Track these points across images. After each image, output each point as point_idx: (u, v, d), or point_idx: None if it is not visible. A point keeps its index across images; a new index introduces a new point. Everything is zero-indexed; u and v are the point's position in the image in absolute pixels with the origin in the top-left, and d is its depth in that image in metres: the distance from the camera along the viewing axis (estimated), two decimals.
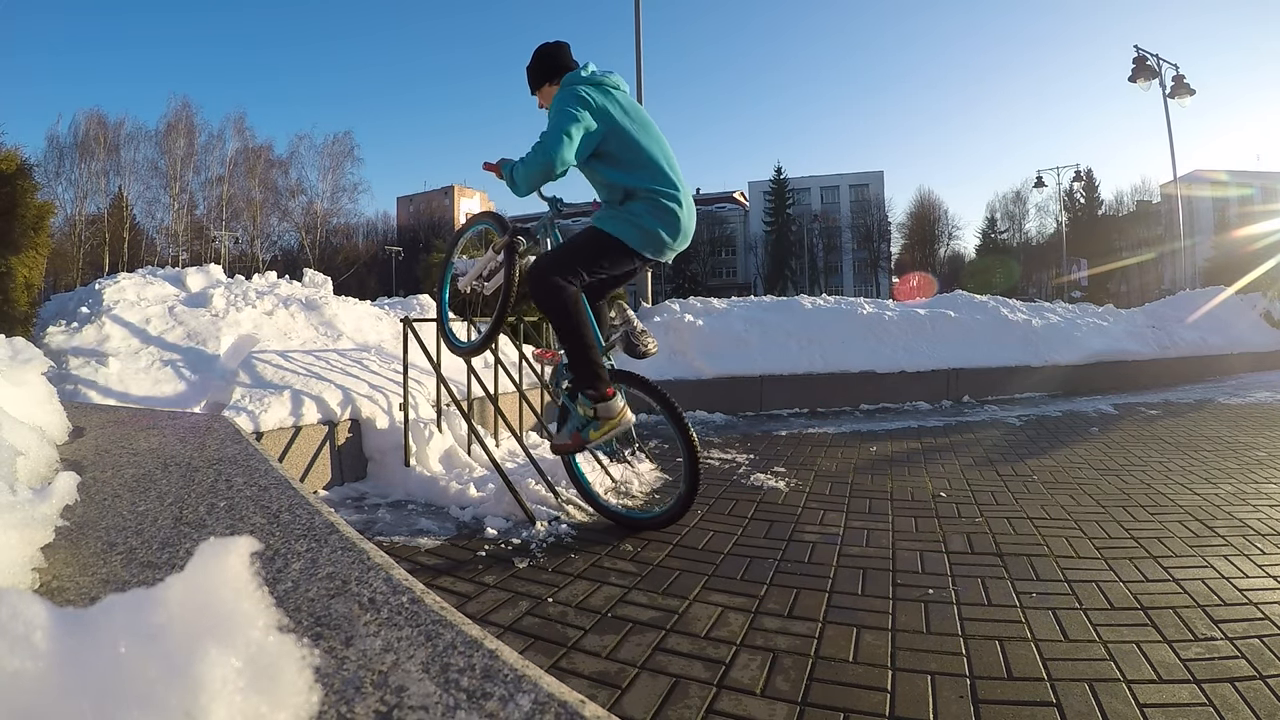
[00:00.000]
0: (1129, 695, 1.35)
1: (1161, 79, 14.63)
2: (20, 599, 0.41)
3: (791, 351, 5.80)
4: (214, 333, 3.39)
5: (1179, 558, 2.12)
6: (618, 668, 1.50)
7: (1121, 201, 45.35)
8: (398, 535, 2.42)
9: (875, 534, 2.43)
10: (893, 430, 4.64)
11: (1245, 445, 3.84)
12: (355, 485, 3.07)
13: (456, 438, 3.37)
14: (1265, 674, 1.41)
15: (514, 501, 2.54)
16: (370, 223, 44.38)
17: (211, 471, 1.10)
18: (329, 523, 0.83)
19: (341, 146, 36.71)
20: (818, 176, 53.19)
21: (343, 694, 0.48)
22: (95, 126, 30.48)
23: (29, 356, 1.33)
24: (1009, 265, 41.28)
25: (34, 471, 0.99)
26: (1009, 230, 47.96)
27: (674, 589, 1.95)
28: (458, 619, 0.60)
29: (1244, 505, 2.65)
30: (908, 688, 1.41)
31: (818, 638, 1.64)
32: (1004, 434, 4.43)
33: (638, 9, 8.38)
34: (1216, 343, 7.92)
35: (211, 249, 32.74)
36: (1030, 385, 6.37)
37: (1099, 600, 1.82)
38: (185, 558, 0.72)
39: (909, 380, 5.90)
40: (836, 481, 3.20)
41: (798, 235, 49.97)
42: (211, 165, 33.58)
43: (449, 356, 3.41)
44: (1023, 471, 3.33)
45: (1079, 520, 2.53)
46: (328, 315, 4.09)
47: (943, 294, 8.22)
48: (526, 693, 0.48)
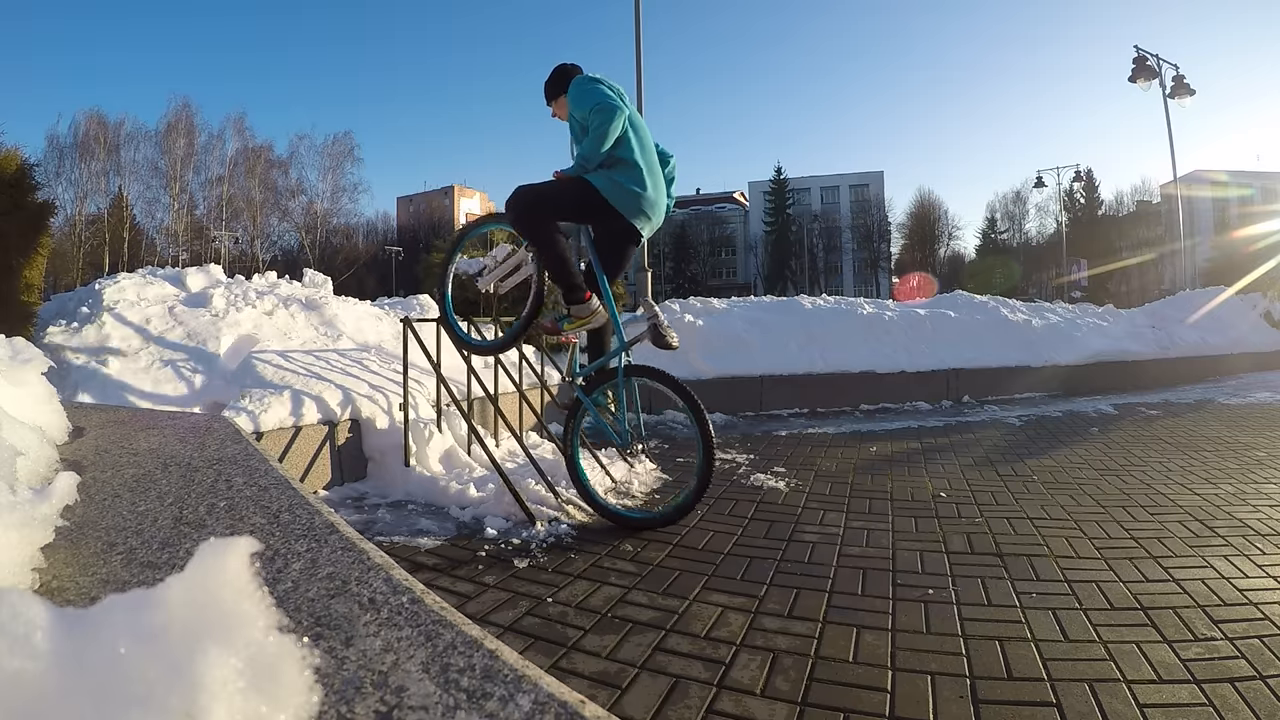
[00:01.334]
0: (1129, 695, 1.35)
1: (1161, 79, 14.63)
2: (20, 599, 0.41)
3: (791, 352, 5.80)
4: (214, 333, 3.39)
5: (1179, 558, 2.12)
6: (618, 668, 1.50)
7: (1121, 202, 45.38)
8: (398, 535, 2.42)
9: (875, 534, 2.43)
10: (893, 430, 4.64)
11: (1245, 445, 3.84)
12: (355, 485, 3.07)
13: (456, 438, 3.37)
14: (1265, 674, 1.41)
15: (514, 501, 2.54)
16: (370, 223, 44.45)
17: (211, 471, 1.10)
18: (329, 523, 0.83)
19: (341, 147, 36.74)
20: (818, 177, 53.18)
21: (343, 694, 0.48)
22: (95, 126, 30.49)
23: (29, 356, 1.33)
24: (1009, 266, 41.27)
25: (34, 471, 0.99)
26: (1009, 230, 47.99)
27: (674, 589, 1.95)
28: (458, 619, 0.60)
29: (1244, 505, 2.65)
30: (908, 688, 1.41)
31: (818, 638, 1.64)
32: (1004, 434, 4.43)
33: (638, 9, 8.38)
34: (1217, 343, 7.92)
35: (211, 249, 32.73)
36: (1030, 385, 6.37)
37: (1099, 600, 1.82)
38: (185, 558, 0.72)
39: (909, 380, 5.90)
40: (836, 481, 3.20)
41: (798, 235, 49.97)
42: (211, 165, 33.61)
43: (449, 356, 3.41)
44: (1023, 472, 3.33)
45: (1079, 520, 2.53)
46: (328, 315, 4.09)
47: (943, 294, 8.22)
48: (526, 693, 0.48)
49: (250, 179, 34.24)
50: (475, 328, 3.50)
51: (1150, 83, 14.65)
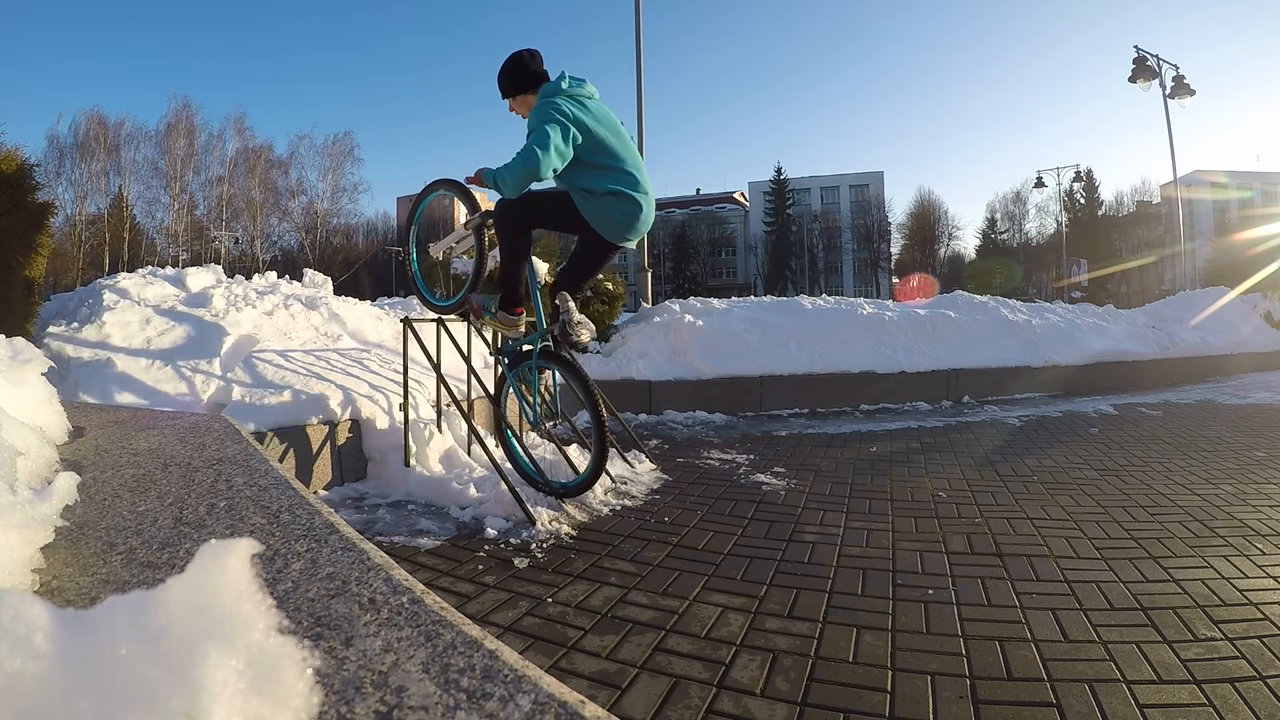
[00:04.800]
0: (1129, 695, 1.35)
1: (1161, 79, 14.63)
2: (21, 600, 0.41)
3: (791, 352, 5.80)
4: (214, 333, 3.39)
5: (1179, 558, 2.12)
6: (618, 668, 1.50)
7: (1121, 202, 45.36)
8: (398, 535, 2.42)
9: (875, 534, 2.43)
10: (893, 430, 4.64)
11: (1245, 446, 3.83)
12: (355, 485, 3.07)
13: (456, 438, 3.37)
14: (1265, 674, 1.41)
15: (514, 501, 2.54)
16: (370, 223, 44.39)
17: (211, 471, 1.10)
18: (329, 523, 0.84)
19: (341, 147, 36.67)
20: (818, 177, 53.21)
21: (343, 694, 0.48)
22: (95, 126, 30.46)
23: (29, 356, 1.33)
24: (1010, 267, 41.23)
25: (34, 472, 0.99)
26: (1009, 231, 47.98)
27: (674, 589, 1.95)
28: (458, 619, 0.60)
29: (1244, 505, 2.65)
30: (908, 688, 1.41)
31: (818, 638, 1.64)
32: (1004, 434, 4.43)
33: (638, 12, 8.38)
34: (1217, 343, 7.91)
35: (211, 249, 32.71)
36: (1030, 386, 6.36)
37: (1099, 600, 1.82)
38: (185, 558, 0.72)
39: (909, 381, 5.90)
40: (836, 482, 3.20)
41: (798, 235, 50.00)
42: (211, 165, 33.55)
43: (449, 356, 3.41)
44: (1023, 472, 3.33)
45: (1079, 520, 2.53)
46: (328, 315, 4.09)
47: (943, 294, 8.22)
48: (526, 693, 0.48)
49: (250, 179, 34.21)
50: (475, 328, 3.52)
51: (1150, 83, 14.66)
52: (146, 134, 31.99)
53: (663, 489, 3.09)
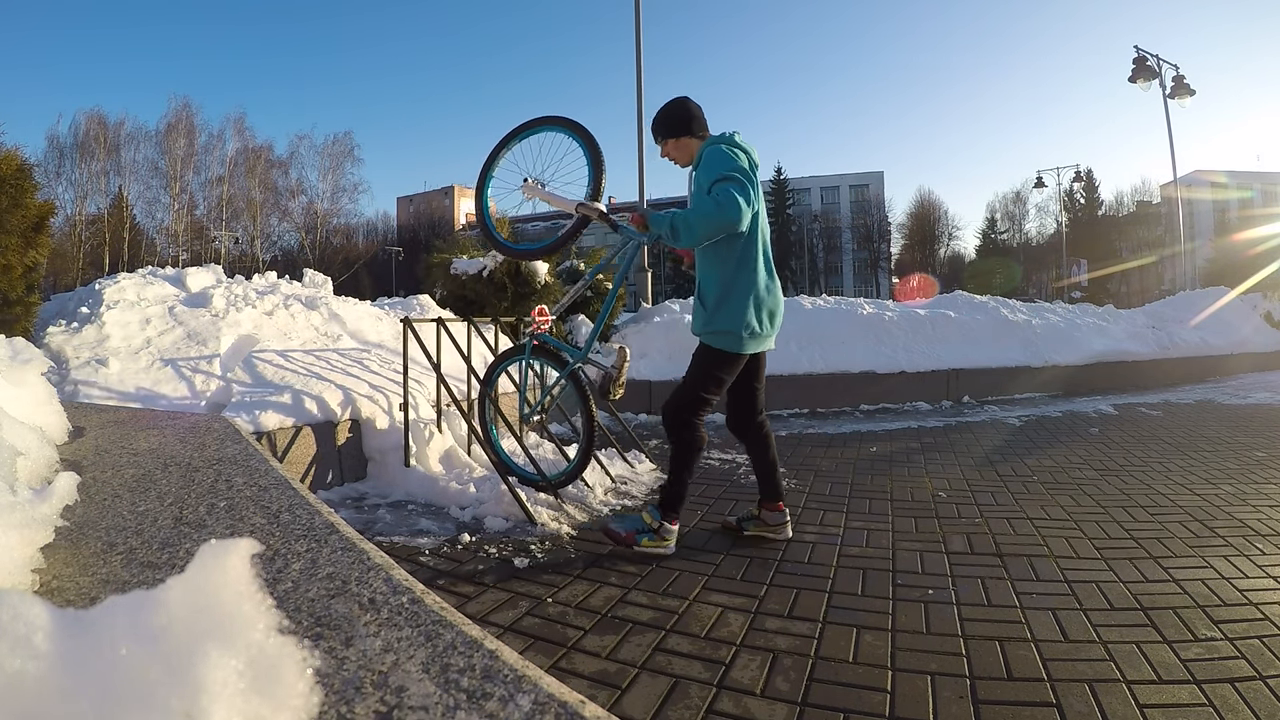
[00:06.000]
0: (1129, 695, 1.35)
1: (1161, 79, 14.63)
2: (21, 600, 0.41)
3: (791, 352, 5.80)
4: (214, 333, 3.39)
5: (1179, 558, 2.12)
6: (618, 668, 1.50)
7: (1121, 202, 45.31)
8: (398, 535, 2.42)
9: (875, 534, 2.43)
10: (893, 430, 4.64)
11: (1245, 446, 3.83)
12: (355, 485, 3.07)
13: (456, 438, 3.37)
14: (1265, 674, 1.41)
15: (514, 501, 2.54)
16: (370, 223, 44.37)
17: (211, 471, 1.10)
18: (329, 523, 0.84)
19: (341, 147, 36.64)
20: (818, 177, 53.17)
21: (343, 694, 0.48)
22: (95, 127, 30.45)
23: (29, 357, 1.33)
24: (1010, 267, 41.21)
25: (34, 471, 0.99)
26: (1009, 231, 47.97)
27: (674, 589, 1.95)
28: (458, 619, 0.60)
29: (1244, 506, 2.65)
30: (908, 688, 1.41)
31: (818, 638, 1.64)
32: (1004, 434, 4.43)
33: (638, 14, 8.38)
34: (1217, 343, 7.91)
35: (211, 249, 32.69)
36: (1030, 386, 6.36)
37: (1099, 600, 1.82)
38: (185, 558, 0.72)
39: (909, 381, 5.90)
40: (836, 481, 3.20)
41: (798, 235, 49.95)
42: (211, 165, 33.53)
43: (449, 356, 3.41)
44: (1022, 472, 3.33)
45: (1079, 521, 2.53)
46: (328, 315, 4.09)
47: (943, 294, 8.22)
48: (526, 693, 0.48)
49: (250, 179, 34.20)
50: (475, 328, 3.52)
51: (1150, 83, 14.66)
52: (146, 134, 31.99)
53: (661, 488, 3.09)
